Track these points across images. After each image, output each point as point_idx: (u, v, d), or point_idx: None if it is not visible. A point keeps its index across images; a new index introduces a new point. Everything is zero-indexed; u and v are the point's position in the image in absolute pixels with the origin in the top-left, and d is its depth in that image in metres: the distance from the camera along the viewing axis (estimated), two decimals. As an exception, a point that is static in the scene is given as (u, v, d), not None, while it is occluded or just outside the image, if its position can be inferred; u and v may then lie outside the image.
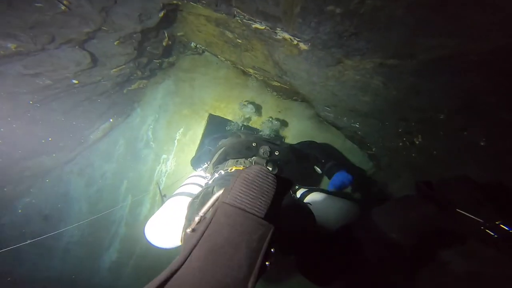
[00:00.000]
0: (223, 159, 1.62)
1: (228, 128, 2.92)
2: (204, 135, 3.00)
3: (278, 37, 1.86)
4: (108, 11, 1.67)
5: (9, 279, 2.68)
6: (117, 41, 1.90)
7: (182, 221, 1.34)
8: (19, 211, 2.74)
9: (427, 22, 1.06)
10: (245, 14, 1.77)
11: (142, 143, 2.99)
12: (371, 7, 1.17)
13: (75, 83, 1.95)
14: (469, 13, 0.93)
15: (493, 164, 1.16)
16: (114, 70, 2.12)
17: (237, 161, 1.55)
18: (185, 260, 0.57)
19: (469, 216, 1.04)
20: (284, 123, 3.06)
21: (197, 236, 0.60)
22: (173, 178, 2.92)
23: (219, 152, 1.71)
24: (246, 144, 1.64)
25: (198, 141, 2.98)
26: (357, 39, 1.47)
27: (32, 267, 2.84)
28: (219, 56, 2.88)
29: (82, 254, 3.02)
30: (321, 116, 2.68)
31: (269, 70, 2.41)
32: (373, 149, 2.35)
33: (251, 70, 2.74)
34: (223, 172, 1.49)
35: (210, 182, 1.51)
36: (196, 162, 2.17)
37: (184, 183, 1.79)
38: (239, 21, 1.91)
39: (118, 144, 2.97)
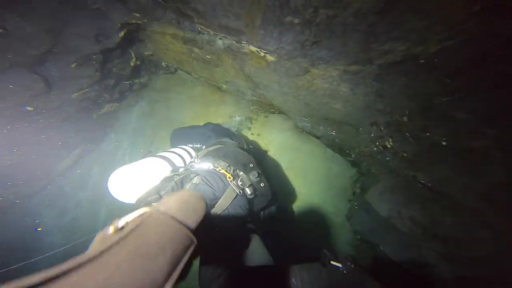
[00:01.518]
0: (219, 156, 1.65)
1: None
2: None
3: (245, 50, 1.86)
4: (57, 32, 1.60)
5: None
6: (74, 63, 1.82)
7: (150, 183, 1.38)
8: None
9: (376, 27, 1.07)
10: (209, 30, 1.77)
11: None
12: (325, 16, 1.19)
13: (30, 110, 1.83)
14: (407, 18, 0.94)
15: (458, 163, 1.15)
16: (75, 94, 2.03)
17: (229, 166, 1.58)
18: (101, 253, 0.53)
19: None
20: (249, 120, 3.01)
21: (123, 233, 0.57)
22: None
23: (219, 147, 1.79)
24: (246, 161, 1.72)
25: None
26: (319, 47, 1.48)
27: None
28: (192, 74, 2.86)
29: None
30: (299, 127, 2.67)
31: (242, 84, 2.41)
32: (352, 156, 2.34)
33: (224, 86, 2.73)
34: (211, 167, 1.54)
35: (195, 167, 1.56)
36: (185, 135, 2.19)
37: (170, 149, 1.79)
38: (206, 37, 1.91)
39: (93, 171, 2.85)
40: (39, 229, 2.57)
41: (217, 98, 3.03)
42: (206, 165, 1.57)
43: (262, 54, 1.80)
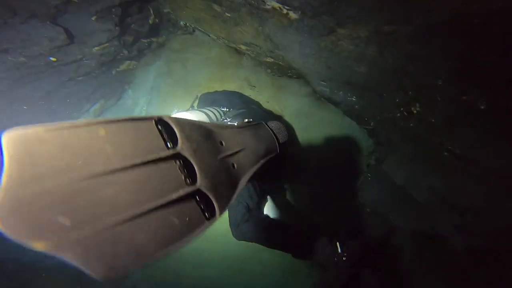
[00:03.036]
0: (246, 117, 1.79)
1: None
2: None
3: (267, 6, 1.76)
4: None
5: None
6: (95, 16, 1.78)
7: None
8: None
9: None
10: (231, -17, 1.66)
11: None
12: (362, -36, 1.08)
13: (53, 61, 1.83)
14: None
15: (493, 129, 1.10)
16: (96, 48, 2.01)
17: None
18: None
19: None
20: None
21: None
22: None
23: (246, 110, 2.02)
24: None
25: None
26: (349, 4, 1.38)
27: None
28: (211, 35, 2.77)
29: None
30: (317, 92, 2.60)
31: (260, 45, 2.31)
32: (371, 124, 2.29)
33: (243, 47, 2.63)
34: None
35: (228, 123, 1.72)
36: (214, 99, 2.39)
37: (206, 107, 1.99)
38: (225, -9, 1.80)
39: None
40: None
41: (235, 60, 2.95)
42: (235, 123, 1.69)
43: (285, 11, 1.70)
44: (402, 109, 1.60)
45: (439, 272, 1.75)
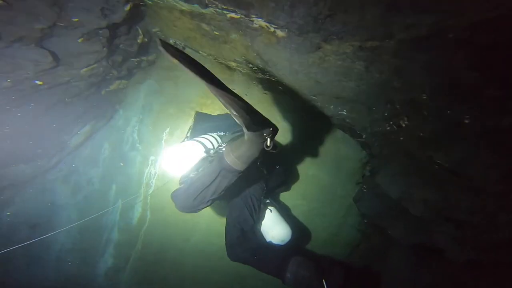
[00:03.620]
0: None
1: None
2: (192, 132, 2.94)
3: (254, 25, 1.78)
4: (62, 6, 1.56)
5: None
6: (81, 38, 1.78)
7: (190, 161, 1.69)
8: (7, 219, 2.64)
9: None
10: (217, 3, 1.68)
11: (128, 146, 2.89)
12: (342, -15, 1.10)
13: (39, 84, 1.83)
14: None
15: (480, 143, 1.10)
16: (84, 69, 2.01)
17: None
18: None
19: None
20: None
21: None
22: (163, 179, 2.85)
23: (240, 134, 2.04)
24: None
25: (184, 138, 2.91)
26: (333, 21, 1.40)
27: (23, 278, 2.77)
28: (201, 52, 2.79)
29: (76, 262, 2.95)
30: (309, 106, 2.61)
31: (251, 61, 2.33)
32: (363, 136, 2.29)
33: (233, 64, 2.66)
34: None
35: (223, 149, 1.80)
36: (212, 123, 2.52)
37: (202, 135, 2.09)
38: (213, 11, 1.83)
39: (103, 148, 2.88)
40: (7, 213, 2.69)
41: (227, 76, 2.96)
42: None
43: (272, 29, 1.72)
44: (391, 122, 1.61)
45: (440, 284, 1.72)
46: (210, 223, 3.00)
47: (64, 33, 1.72)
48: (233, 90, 2.23)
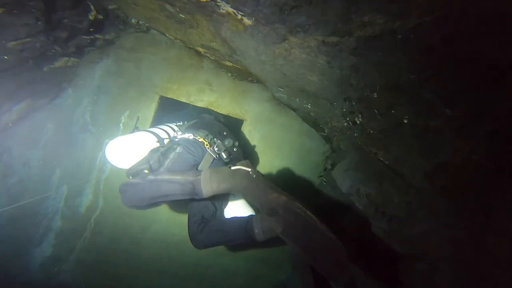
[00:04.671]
0: (197, 128, 1.96)
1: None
2: (155, 117, 2.81)
3: (221, 11, 1.73)
4: None
5: None
6: (2, 9, 1.56)
7: (140, 152, 1.67)
8: None
9: None
10: (181, -18, 1.60)
11: (78, 127, 2.65)
12: (306, -24, 1.10)
13: None
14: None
15: (413, 142, 1.19)
16: (12, 43, 1.79)
17: (207, 135, 1.88)
18: None
19: None
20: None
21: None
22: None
23: (198, 121, 2.21)
24: (221, 130, 2.11)
25: (149, 124, 2.77)
26: (298, 13, 1.40)
27: None
28: (167, 35, 2.66)
29: (6, 252, 2.67)
30: (276, 98, 2.63)
31: (218, 48, 2.28)
32: (325, 131, 2.37)
33: (201, 49, 2.58)
34: (192, 137, 1.85)
35: (178, 137, 1.90)
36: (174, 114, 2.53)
37: (156, 126, 2.11)
38: (178, -9, 1.74)
39: (45, 128, 2.60)
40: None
41: (195, 63, 2.87)
42: (187, 135, 1.86)
43: (239, 16, 1.68)
44: (348, 118, 1.67)
45: (374, 277, 1.84)
46: (171, 213, 2.93)
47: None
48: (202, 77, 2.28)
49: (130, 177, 1.66)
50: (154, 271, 3.05)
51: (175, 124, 2.26)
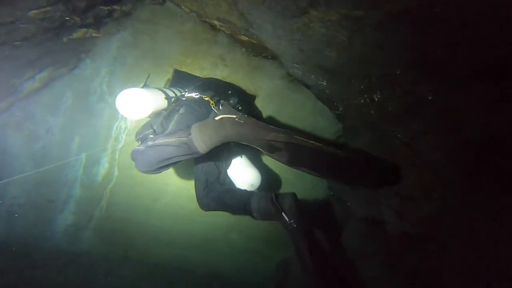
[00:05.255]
0: (204, 88, 2.01)
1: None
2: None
3: (240, -20, 1.68)
4: None
5: None
6: None
7: (146, 107, 1.68)
8: None
9: None
10: None
11: (96, 97, 2.69)
12: None
13: None
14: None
15: (436, 120, 1.17)
16: (33, 11, 1.78)
17: (213, 96, 1.91)
18: None
19: None
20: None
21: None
22: (134, 135, 2.76)
23: (203, 82, 2.28)
24: (226, 88, 2.20)
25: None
26: (322, -16, 1.35)
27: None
28: (182, 7, 2.60)
29: (32, 218, 2.79)
30: (291, 74, 2.59)
31: (234, 22, 2.23)
32: (340, 109, 2.34)
33: (217, 23, 2.53)
34: (198, 95, 1.90)
35: (185, 96, 1.95)
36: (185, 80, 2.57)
37: (166, 86, 2.25)
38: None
39: (65, 96, 2.65)
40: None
41: (210, 36, 2.82)
42: (194, 94, 1.90)
43: (259, -14, 1.64)
44: (366, 96, 1.65)
45: (379, 256, 1.89)
46: (181, 186, 3.01)
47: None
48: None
49: (139, 142, 1.73)
50: (163, 242, 3.17)
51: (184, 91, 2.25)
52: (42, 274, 2.55)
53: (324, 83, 2.09)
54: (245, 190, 1.93)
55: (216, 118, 1.52)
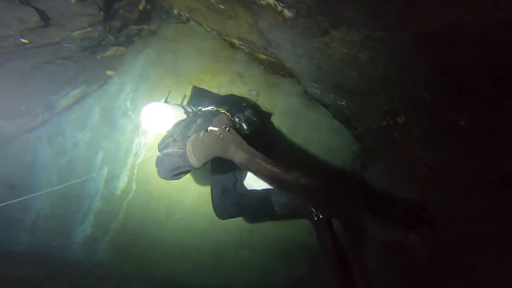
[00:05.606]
0: (220, 102, 2.05)
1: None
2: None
3: (262, 2, 1.71)
4: None
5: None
6: None
7: (166, 125, 1.79)
8: None
9: None
10: (225, -27, 1.60)
11: (120, 112, 2.81)
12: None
13: (25, 42, 1.74)
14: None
15: (472, 147, 1.10)
16: (77, 32, 1.91)
17: (229, 109, 1.94)
18: None
19: None
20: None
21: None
22: (153, 150, 2.81)
23: (219, 97, 2.54)
24: (243, 101, 2.31)
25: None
26: (345, 6, 1.34)
27: (-2, 240, 2.72)
28: (204, 26, 2.69)
29: (53, 228, 2.89)
30: (309, 93, 2.58)
31: (254, 40, 2.26)
32: (359, 129, 2.29)
33: (236, 41, 2.58)
34: (214, 108, 1.94)
35: (203, 110, 1.99)
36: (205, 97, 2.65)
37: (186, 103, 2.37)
38: (220, -18, 1.74)
39: (93, 112, 2.79)
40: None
41: (228, 54, 2.89)
42: (211, 107, 1.95)
43: (280, 8, 1.65)
44: (388, 118, 1.60)
45: (401, 282, 1.78)
46: (195, 202, 3.00)
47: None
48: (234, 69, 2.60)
49: (159, 150, 1.77)
50: (175, 257, 3.15)
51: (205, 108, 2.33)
52: (59, 285, 2.58)
53: (343, 103, 2.05)
54: (262, 189, 1.90)
55: (207, 130, 1.53)
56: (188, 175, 2.28)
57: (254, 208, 1.80)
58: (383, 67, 1.45)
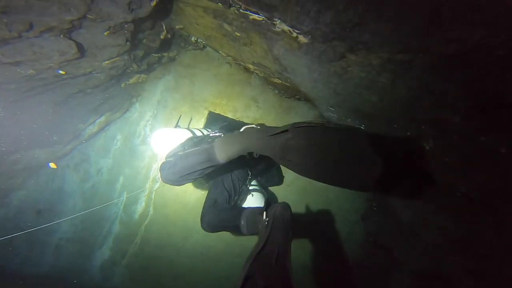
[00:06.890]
0: (228, 128, 2.10)
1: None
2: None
3: (276, 29, 1.72)
4: None
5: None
6: (107, 32, 1.78)
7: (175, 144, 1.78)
8: (15, 203, 2.68)
9: (445, 10, 0.88)
10: (241, 3, 1.63)
11: (139, 139, 2.89)
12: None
13: (62, 74, 1.86)
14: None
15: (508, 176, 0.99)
16: (106, 62, 2.02)
17: None
18: None
19: None
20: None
21: None
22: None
23: (228, 123, 2.35)
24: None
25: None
26: (362, 30, 1.31)
27: (23, 262, 2.79)
28: (220, 52, 2.76)
29: (75, 251, 2.95)
30: (325, 117, 2.52)
31: (269, 65, 2.28)
32: (380, 153, 2.18)
33: (251, 66, 2.61)
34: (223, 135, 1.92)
35: (211, 135, 1.98)
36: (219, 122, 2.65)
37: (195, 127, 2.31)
38: (236, 11, 1.78)
39: (116, 139, 2.89)
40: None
41: (243, 78, 2.93)
42: (219, 134, 1.94)
43: (295, 34, 1.65)
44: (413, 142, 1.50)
45: None
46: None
47: (92, 26, 1.72)
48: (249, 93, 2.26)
49: (167, 158, 1.76)
50: (191, 281, 3.08)
51: (213, 133, 2.37)
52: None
53: (362, 127, 1.98)
54: (244, 207, 1.88)
55: (241, 130, 1.56)
56: (202, 199, 2.24)
57: (226, 223, 1.74)
58: (405, 90, 1.39)
